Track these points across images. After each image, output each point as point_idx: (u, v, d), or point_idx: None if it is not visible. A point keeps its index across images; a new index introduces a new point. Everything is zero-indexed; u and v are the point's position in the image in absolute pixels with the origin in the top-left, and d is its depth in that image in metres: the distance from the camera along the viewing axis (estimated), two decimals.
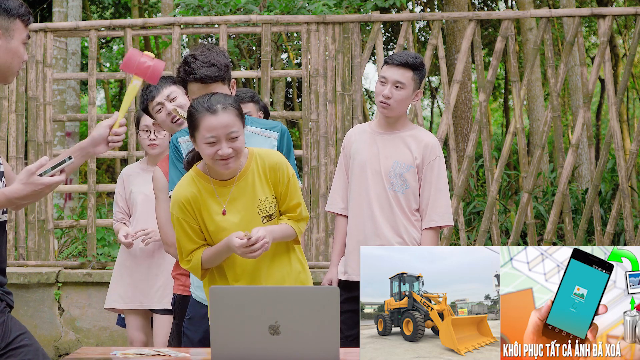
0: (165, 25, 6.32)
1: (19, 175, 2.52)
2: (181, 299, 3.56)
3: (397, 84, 3.70)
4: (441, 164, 3.77)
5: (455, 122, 9.27)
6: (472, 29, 6.05)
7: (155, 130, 4.20)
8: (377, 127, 3.84)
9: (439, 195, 3.74)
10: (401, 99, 3.70)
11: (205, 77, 3.04)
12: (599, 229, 6.02)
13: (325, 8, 7.01)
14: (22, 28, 2.66)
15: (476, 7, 16.22)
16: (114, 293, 4.31)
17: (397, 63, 3.70)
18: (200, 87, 3.06)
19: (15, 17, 2.63)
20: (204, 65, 3.06)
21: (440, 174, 3.76)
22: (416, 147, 3.74)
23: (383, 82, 3.73)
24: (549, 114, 6.08)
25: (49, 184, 2.50)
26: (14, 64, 2.66)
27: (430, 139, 3.78)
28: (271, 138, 3.21)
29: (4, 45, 2.62)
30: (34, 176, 2.49)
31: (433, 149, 3.75)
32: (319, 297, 2.32)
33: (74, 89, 9.45)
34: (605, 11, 6.02)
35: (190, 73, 3.06)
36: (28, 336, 2.56)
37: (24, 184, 2.49)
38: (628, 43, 17.33)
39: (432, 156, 3.74)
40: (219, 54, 3.11)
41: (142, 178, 4.32)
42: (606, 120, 17.33)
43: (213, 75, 3.05)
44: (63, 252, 6.71)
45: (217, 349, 2.33)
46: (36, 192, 2.50)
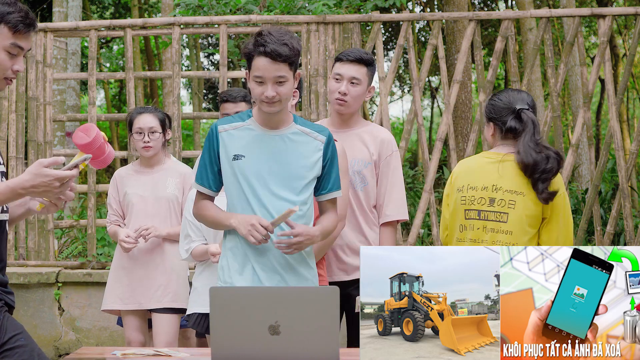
0: (165, 25, 6.32)
1: (29, 166, 2.46)
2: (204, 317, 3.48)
3: (353, 80, 3.67)
4: (397, 159, 3.77)
5: (455, 122, 9.27)
6: (472, 29, 6.05)
7: (149, 132, 4.21)
8: (331, 125, 3.78)
9: (394, 190, 3.73)
10: (357, 95, 3.68)
11: (275, 53, 2.96)
12: (599, 229, 6.02)
13: (325, 8, 7.00)
14: (7, 35, 2.55)
15: (476, 7, 16.21)
16: (112, 294, 4.30)
17: (351, 59, 3.67)
18: (266, 63, 2.98)
19: (0, 22, 2.54)
20: (277, 42, 2.97)
21: (396, 169, 3.75)
22: (372, 143, 3.73)
23: (338, 79, 3.69)
24: (549, 114, 6.08)
25: (58, 176, 2.43)
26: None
27: (385, 134, 3.78)
28: (317, 141, 3.15)
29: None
30: (44, 168, 2.43)
31: (389, 144, 3.74)
32: (319, 297, 2.32)
33: (74, 89, 9.45)
34: (605, 11, 6.02)
35: (261, 45, 2.97)
36: (24, 336, 2.53)
37: (32, 173, 2.43)
38: (628, 43, 17.33)
39: (388, 151, 3.73)
40: (293, 38, 3.04)
41: (136, 180, 4.33)
42: (606, 120, 17.33)
43: (283, 54, 2.96)
44: (63, 252, 6.71)
45: (217, 349, 2.32)
46: (44, 184, 2.42)
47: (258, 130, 3.12)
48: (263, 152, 3.09)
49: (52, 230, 6.20)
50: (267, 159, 3.08)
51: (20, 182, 2.44)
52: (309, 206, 3.13)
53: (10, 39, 2.55)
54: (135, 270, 4.24)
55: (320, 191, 3.19)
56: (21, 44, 2.58)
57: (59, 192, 2.47)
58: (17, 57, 2.59)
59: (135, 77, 6.31)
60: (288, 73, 3.01)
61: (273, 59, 2.97)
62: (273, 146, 3.09)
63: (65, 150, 6.74)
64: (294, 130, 3.14)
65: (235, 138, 3.11)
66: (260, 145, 3.09)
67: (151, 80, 16.47)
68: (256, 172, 3.06)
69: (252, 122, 3.14)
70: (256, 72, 3.00)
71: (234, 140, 3.10)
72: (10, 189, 2.44)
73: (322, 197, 3.20)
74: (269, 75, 2.98)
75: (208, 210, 3.17)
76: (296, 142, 3.12)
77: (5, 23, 2.54)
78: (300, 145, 3.12)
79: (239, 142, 3.10)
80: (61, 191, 2.47)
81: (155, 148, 4.26)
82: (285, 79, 3.00)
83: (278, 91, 3.00)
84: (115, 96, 19.52)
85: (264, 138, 3.10)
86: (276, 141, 3.10)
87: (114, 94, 19.67)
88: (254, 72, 3.01)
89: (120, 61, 16.40)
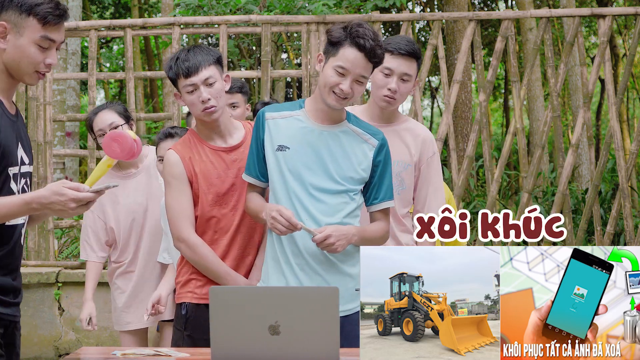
0: (165, 25, 6.32)
1: (51, 183, 2.41)
2: (194, 307, 3.18)
3: (403, 77, 3.32)
4: (438, 161, 3.48)
5: (455, 122, 9.26)
6: (472, 29, 6.05)
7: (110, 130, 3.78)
8: (367, 117, 3.37)
9: (436, 195, 3.42)
10: (407, 92, 3.34)
11: (372, 53, 2.84)
12: (599, 229, 6.02)
13: (325, 8, 7.00)
14: (37, 27, 2.43)
15: (476, 7, 16.21)
16: (125, 317, 4.06)
17: (404, 53, 3.31)
18: (359, 57, 2.84)
19: (29, 14, 2.42)
20: (374, 42, 2.85)
21: (437, 172, 3.46)
22: (413, 143, 3.40)
23: (388, 74, 3.31)
24: (549, 114, 6.08)
25: (76, 198, 2.35)
26: (23, 64, 2.46)
27: (426, 133, 3.46)
28: (368, 143, 3.00)
29: (12, 41, 2.44)
30: (64, 187, 2.36)
31: (431, 144, 3.43)
32: (319, 297, 2.32)
33: (74, 89, 9.44)
34: (605, 11, 6.02)
35: (360, 37, 2.83)
36: None
37: (50, 190, 2.36)
38: (628, 43, 17.32)
39: (429, 152, 3.42)
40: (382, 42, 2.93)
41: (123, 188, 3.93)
42: (606, 120, 17.32)
43: (377, 56, 2.86)
44: (63, 252, 6.71)
45: (217, 349, 2.32)
46: (60, 203, 2.36)
47: (307, 123, 2.98)
48: (308, 147, 2.95)
49: (52, 230, 6.20)
50: (311, 154, 2.95)
51: (37, 197, 2.38)
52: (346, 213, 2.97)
53: (40, 32, 2.44)
54: (143, 290, 4.00)
55: (371, 201, 3.03)
56: (52, 37, 2.47)
57: (74, 213, 2.41)
58: (49, 50, 2.47)
59: (135, 77, 6.31)
60: (370, 74, 2.92)
61: (367, 56, 2.85)
62: (319, 142, 2.96)
63: (65, 150, 6.74)
64: (345, 128, 3.00)
65: (282, 128, 2.98)
66: (306, 138, 2.96)
67: (151, 80, 16.44)
68: (298, 166, 2.94)
69: (303, 114, 3.00)
70: (342, 62, 2.84)
71: (280, 130, 2.98)
72: (25, 203, 2.39)
73: (373, 207, 3.04)
74: (355, 70, 2.85)
75: (249, 202, 3.06)
76: (344, 141, 2.98)
77: (34, 15, 2.43)
78: (348, 146, 2.98)
79: (285, 132, 2.97)
80: (77, 212, 2.41)
81: None
82: (365, 80, 2.90)
83: (354, 89, 2.88)
84: (115, 96, 19.50)
85: (311, 132, 2.97)
86: (324, 137, 2.97)
87: (114, 94, 19.65)
88: (339, 61, 2.85)
89: (120, 61, 16.38)
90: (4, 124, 2.47)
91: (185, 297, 3.21)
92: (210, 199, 3.13)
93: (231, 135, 3.21)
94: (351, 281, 2.97)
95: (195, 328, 3.16)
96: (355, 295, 2.96)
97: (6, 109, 2.51)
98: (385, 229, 3.06)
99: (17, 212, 2.41)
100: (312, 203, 2.93)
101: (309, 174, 2.94)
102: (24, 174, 2.54)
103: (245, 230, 3.17)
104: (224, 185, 3.14)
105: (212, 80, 3.09)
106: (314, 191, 2.94)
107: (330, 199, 2.95)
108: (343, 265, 2.97)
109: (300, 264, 2.95)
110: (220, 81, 3.14)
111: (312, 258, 2.94)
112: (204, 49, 3.16)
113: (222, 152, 3.18)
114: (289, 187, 2.95)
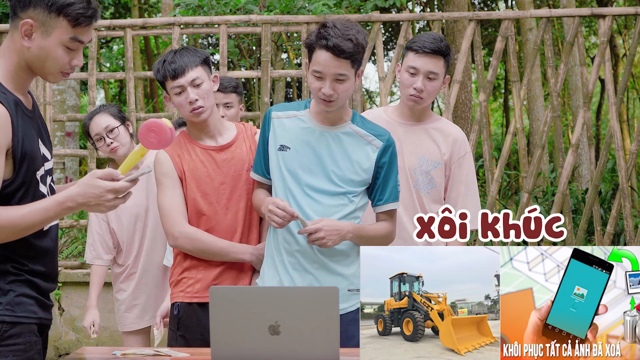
0: (165, 25, 6.32)
1: (82, 178, 2.28)
2: (186, 307, 3.19)
3: (430, 75, 3.28)
4: (470, 160, 3.42)
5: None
6: (472, 29, 6.05)
7: (107, 133, 3.87)
8: (398, 116, 3.39)
9: (468, 195, 3.37)
10: (434, 91, 3.30)
11: (337, 49, 2.77)
12: (599, 229, 6.02)
13: (325, 8, 7.00)
14: (67, 28, 2.29)
15: (476, 7, 16.22)
16: (128, 317, 4.07)
17: (428, 51, 3.26)
18: (327, 58, 2.80)
19: (59, 14, 2.27)
20: (341, 37, 2.78)
21: (470, 172, 3.40)
22: (444, 142, 3.36)
23: (413, 73, 3.28)
24: (549, 114, 6.08)
25: (113, 188, 2.26)
26: (48, 64, 2.32)
27: (458, 132, 3.42)
28: (372, 145, 2.97)
29: (38, 40, 2.29)
30: (97, 179, 2.26)
31: (462, 143, 3.39)
32: (319, 297, 2.32)
33: (74, 89, 9.45)
34: (605, 11, 6.02)
35: (324, 38, 2.79)
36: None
37: (84, 184, 2.25)
38: (628, 43, 17.32)
39: (461, 152, 3.38)
40: (360, 32, 2.84)
41: None
42: (606, 120, 17.33)
43: (346, 50, 2.78)
44: (63, 252, 6.70)
45: (217, 349, 2.32)
46: (96, 196, 2.25)
47: (309, 124, 2.98)
48: (308, 147, 2.95)
49: None
50: (310, 154, 2.95)
51: (70, 196, 2.26)
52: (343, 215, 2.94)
53: (70, 33, 2.30)
54: (146, 290, 4.03)
55: (375, 202, 3.01)
56: (82, 38, 2.34)
57: (112, 206, 2.30)
58: (75, 52, 2.35)
59: (135, 77, 6.31)
60: (349, 71, 2.83)
61: (335, 54, 2.79)
62: (320, 142, 2.95)
63: (65, 150, 6.74)
64: (347, 130, 2.98)
65: (286, 127, 2.98)
66: (307, 139, 2.96)
67: (151, 80, 16.41)
68: (296, 166, 2.94)
69: (306, 114, 3.00)
70: (316, 67, 2.83)
71: (283, 129, 2.98)
72: (59, 203, 2.27)
73: (378, 208, 3.02)
74: (329, 71, 2.82)
75: (254, 198, 3.07)
76: (345, 143, 2.96)
77: (64, 16, 2.28)
78: (349, 147, 2.96)
79: (288, 132, 2.97)
80: (114, 205, 2.30)
81: (124, 144, 3.89)
82: (346, 77, 2.83)
83: (336, 89, 2.83)
84: (115, 96, 19.50)
85: (312, 133, 2.96)
86: (325, 138, 2.96)
87: (114, 94, 19.65)
88: (314, 66, 2.84)
89: (120, 61, 16.38)
90: (25, 126, 2.31)
91: (177, 297, 3.22)
92: (200, 197, 3.15)
93: (221, 135, 3.23)
94: (343, 281, 2.97)
95: (187, 328, 3.17)
96: (348, 296, 2.98)
97: (24, 107, 2.35)
98: (389, 230, 3.05)
99: (53, 215, 2.29)
100: (308, 203, 2.94)
101: (306, 175, 2.95)
102: (48, 171, 2.43)
103: (240, 229, 3.18)
104: (213, 184, 3.16)
105: (199, 81, 3.12)
106: (310, 191, 2.94)
107: (327, 199, 2.95)
108: (336, 265, 2.97)
109: (293, 262, 2.97)
110: (208, 82, 3.16)
111: (304, 257, 2.96)
112: (191, 50, 3.18)
113: (213, 151, 3.20)
114: (287, 186, 2.96)
